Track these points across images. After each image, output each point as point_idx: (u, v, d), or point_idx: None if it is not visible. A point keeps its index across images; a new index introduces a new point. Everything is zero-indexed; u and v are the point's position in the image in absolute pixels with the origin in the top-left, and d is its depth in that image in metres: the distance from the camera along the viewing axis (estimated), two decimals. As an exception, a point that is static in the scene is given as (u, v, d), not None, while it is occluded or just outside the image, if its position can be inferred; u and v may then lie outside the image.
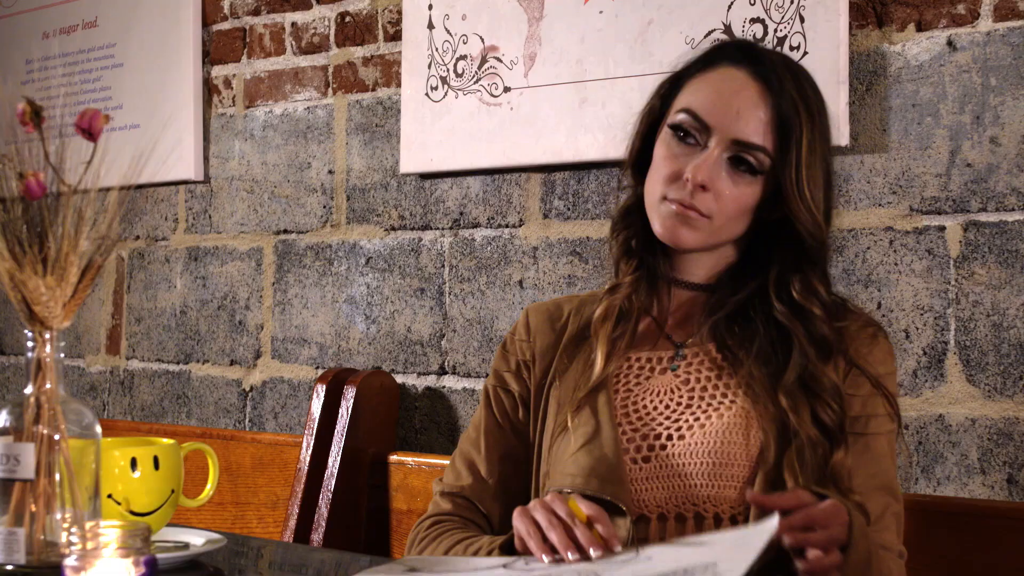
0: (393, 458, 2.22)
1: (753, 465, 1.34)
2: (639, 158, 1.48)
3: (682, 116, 1.41)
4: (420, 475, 2.16)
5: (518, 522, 1.25)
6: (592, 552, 1.18)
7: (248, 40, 2.70)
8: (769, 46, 1.91)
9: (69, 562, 1.05)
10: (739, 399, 1.38)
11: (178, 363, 2.79)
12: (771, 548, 1.10)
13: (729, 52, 1.45)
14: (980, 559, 1.49)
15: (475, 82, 2.27)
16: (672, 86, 1.47)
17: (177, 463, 1.58)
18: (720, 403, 1.38)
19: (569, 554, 1.18)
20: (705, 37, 1.99)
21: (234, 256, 2.70)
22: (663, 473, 1.37)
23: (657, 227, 1.41)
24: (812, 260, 1.41)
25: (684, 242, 1.40)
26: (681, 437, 1.37)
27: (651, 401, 1.41)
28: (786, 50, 1.89)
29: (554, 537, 1.20)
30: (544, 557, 1.20)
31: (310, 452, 2.25)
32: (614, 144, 2.10)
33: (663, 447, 1.37)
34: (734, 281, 1.44)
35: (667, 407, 1.40)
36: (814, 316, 1.38)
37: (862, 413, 1.38)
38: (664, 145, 1.42)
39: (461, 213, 2.33)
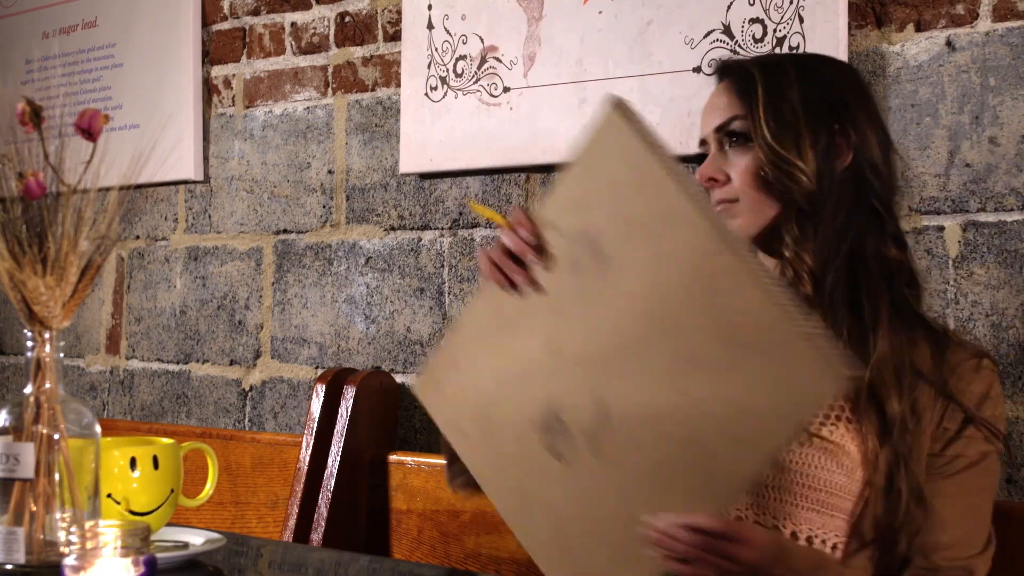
0: (393, 458, 2.22)
1: (855, 499, 1.35)
2: None
3: (699, 150, 1.49)
4: (420, 475, 2.16)
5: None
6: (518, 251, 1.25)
7: (248, 40, 2.70)
8: (768, 46, 1.92)
9: (69, 562, 1.05)
10: (844, 430, 1.35)
11: (178, 363, 2.79)
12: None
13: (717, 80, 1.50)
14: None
15: (475, 82, 2.28)
16: None
17: (176, 463, 1.59)
18: (830, 430, 1.35)
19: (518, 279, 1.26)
20: (704, 37, 1.99)
21: (234, 256, 2.70)
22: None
23: None
24: (805, 213, 1.38)
25: None
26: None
27: None
28: (784, 51, 1.89)
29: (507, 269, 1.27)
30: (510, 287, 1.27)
31: (310, 452, 2.25)
32: (613, 144, 2.10)
33: None
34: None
35: None
36: (798, 276, 1.38)
37: (955, 453, 1.37)
38: None
39: (460, 213, 2.33)
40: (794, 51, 1.88)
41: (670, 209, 1.15)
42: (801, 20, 1.89)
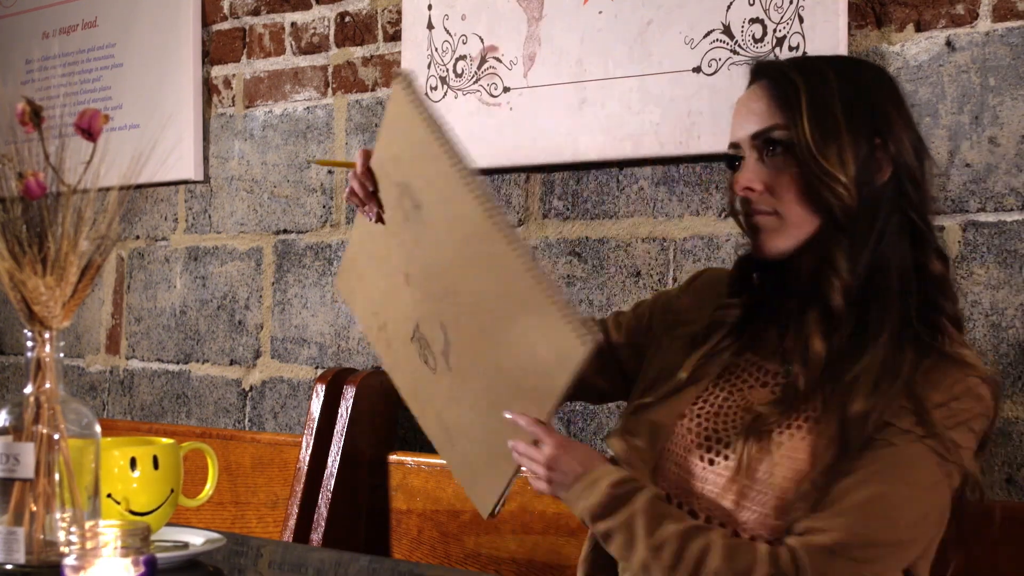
0: (392, 458, 2.22)
1: (781, 495, 1.31)
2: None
3: (727, 152, 1.44)
4: (419, 475, 2.16)
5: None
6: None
7: (248, 40, 2.70)
8: (768, 46, 1.92)
9: (69, 561, 1.05)
10: (806, 433, 1.32)
11: (178, 363, 2.79)
12: None
13: (749, 81, 1.46)
14: (979, 559, 1.49)
15: (474, 82, 2.28)
16: None
17: (176, 463, 1.59)
18: (791, 434, 1.33)
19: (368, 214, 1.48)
20: (704, 37, 1.99)
21: (234, 256, 2.70)
22: (702, 476, 1.36)
23: (752, 249, 1.42)
24: (842, 226, 1.35)
25: (771, 248, 1.39)
26: (734, 454, 1.35)
27: (733, 406, 1.40)
28: (785, 50, 1.90)
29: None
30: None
31: (310, 452, 2.25)
32: (613, 144, 2.10)
33: (716, 459, 1.36)
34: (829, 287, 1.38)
35: (742, 419, 1.38)
36: (830, 287, 1.34)
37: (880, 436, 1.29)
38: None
39: (461, 213, 2.33)
40: (793, 51, 1.88)
41: (448, 180, 1.31)
42: (801, 20, 1.89)
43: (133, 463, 1.54)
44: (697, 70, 2.01)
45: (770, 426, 1.33)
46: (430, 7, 2.34)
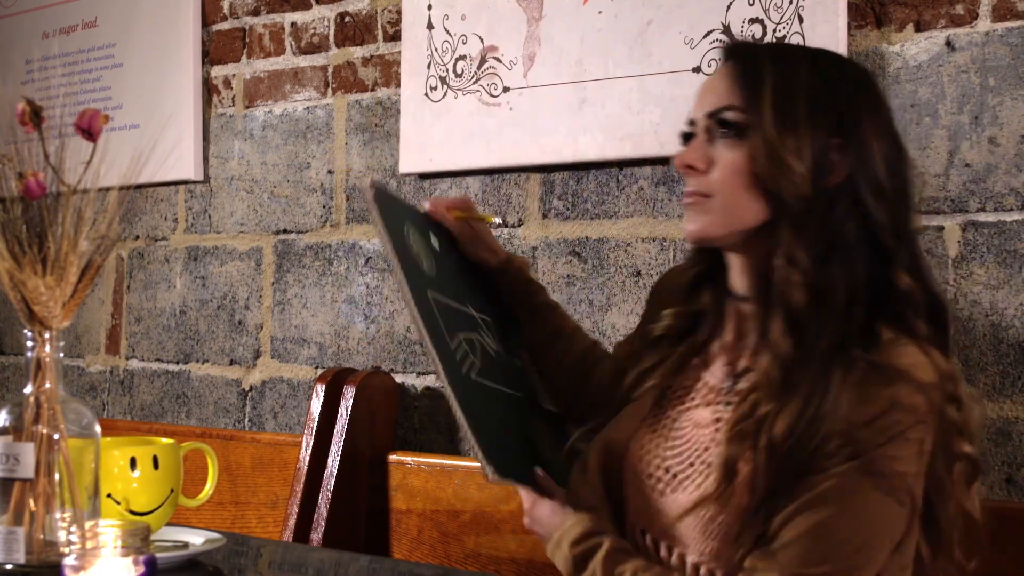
0: (392, 458, 2.22)
1: (728, 528, 1.27)
2: None
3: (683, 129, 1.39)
4: (419, 475, 2.17)
5: None
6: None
7: (248, 40, 2.70)
8: (768, 46, 1.92)
9: (68, 561, 1.06)
10: (745, 462, 1.26)
11: (178, 363, 2.79)
12: None
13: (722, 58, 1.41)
14: (979, 559, 1.49)
15: (474, 82, 2.28)
16: None
17: (176, 463, 1.59)
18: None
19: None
20: (704, 37, 1.99)
21: (234, 256, 2.70)
22: (659, 505, 1.34)
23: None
24: (796, 220, 1.27)
25: (699, 232, 1.33)
26: (679, 483, 1.33)
27: (679, 429, 1.37)
28: (785, 50, 1.90)
29: None
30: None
31: (309, 452, 2.25)
32: (613, 144, 2.10)
33: (660, 483, 1.35)
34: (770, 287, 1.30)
35: (688, 442, 1.35)
36: (789, 284, 1.26)
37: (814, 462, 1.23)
38: None
39: (460, 213, 2.33)
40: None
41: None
42: (801, 20, 1.89)
43: (133, 463, 1.54)
44: (697, 70, 2.01)
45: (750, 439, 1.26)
46: (430, 7, 2.34)
